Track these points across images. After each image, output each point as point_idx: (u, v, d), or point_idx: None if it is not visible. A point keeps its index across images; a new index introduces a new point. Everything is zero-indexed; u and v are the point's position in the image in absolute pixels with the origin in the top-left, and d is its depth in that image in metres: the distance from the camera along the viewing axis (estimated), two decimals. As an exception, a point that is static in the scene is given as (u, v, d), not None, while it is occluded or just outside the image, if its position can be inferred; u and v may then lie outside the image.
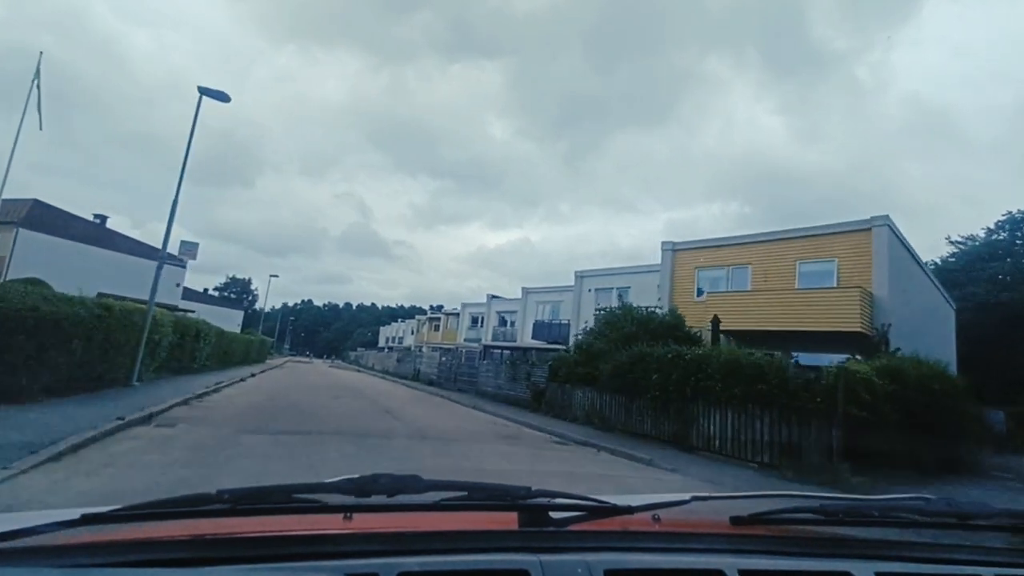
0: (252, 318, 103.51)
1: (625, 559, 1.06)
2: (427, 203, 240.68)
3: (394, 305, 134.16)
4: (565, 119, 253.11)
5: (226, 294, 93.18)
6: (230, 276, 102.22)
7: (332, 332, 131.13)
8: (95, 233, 39.62)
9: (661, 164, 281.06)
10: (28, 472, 5.42)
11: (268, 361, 48.83)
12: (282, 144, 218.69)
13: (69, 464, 6.02)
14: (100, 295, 33.27)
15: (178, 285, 45.67)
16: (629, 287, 27.91)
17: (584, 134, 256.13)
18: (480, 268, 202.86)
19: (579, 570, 0.98)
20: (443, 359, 32.02)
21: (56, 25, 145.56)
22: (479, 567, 0.99)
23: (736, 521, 1.26)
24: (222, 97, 14.07)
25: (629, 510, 1.23)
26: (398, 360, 44.76)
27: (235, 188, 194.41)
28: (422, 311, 74.28)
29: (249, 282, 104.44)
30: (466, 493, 1.14)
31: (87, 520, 1.00)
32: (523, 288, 37.75)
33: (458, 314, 52.36)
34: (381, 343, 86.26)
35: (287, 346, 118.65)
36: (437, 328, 61.22)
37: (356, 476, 1.08)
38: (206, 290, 76.67)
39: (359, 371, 51.83)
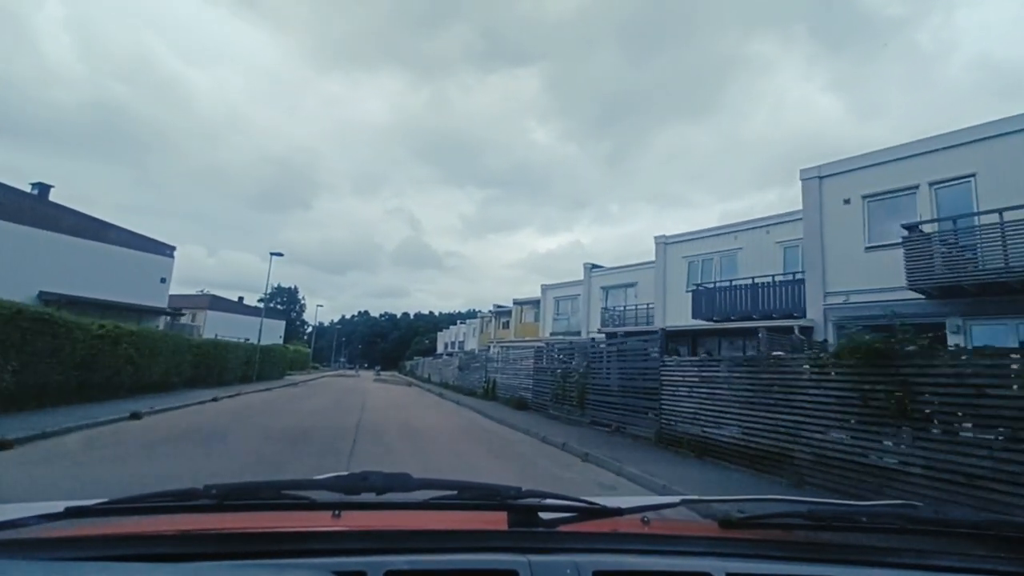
0: (320, 331, 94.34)
1: (614, 561, 1.01)
2: (476, 213, 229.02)
3: (451, 311, 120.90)
4: (606, 118, 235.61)
5: (271, 305, 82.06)
6: (276, 285, 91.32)
7: (389, 343, 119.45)
8: (33, 209, 27.13)
9: (709, 155, 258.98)
10: None
11: (290, 377, 35.35)
12: (335, 166, 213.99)
13: None
14: (42, 296, 19.54)
15: (163, 280, 32.81)
16: (975, 174, 11.77)
17: (627, 131, 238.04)
18: (532, 273, 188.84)
19: (568, 571, 0.93)
20: (539, 364, 16.77)
21: (128, 75, 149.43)
22: (468, 566, 0.93)
23: (725, 524, 1.19)
24: None
25: (619, 512, 1.16)
26: (460, 367, 29.98)
27: (295, 212, 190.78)
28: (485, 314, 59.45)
29: (296, 291, 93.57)
30: (456, 492, 1.09)
31: (71, 513, 0.95)
32: (658, 239, 22.02)
33: (537, 302, 37.08)
34: (440, 349, 72.45)
35: (343, 358, 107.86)
36: (507, 325, 46.22)
37: (345, 473, 1.04)
38: (241, 299, 65.28)
39: (410, 385, 37.43)
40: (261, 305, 77.56)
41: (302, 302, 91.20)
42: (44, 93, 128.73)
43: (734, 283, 17.69)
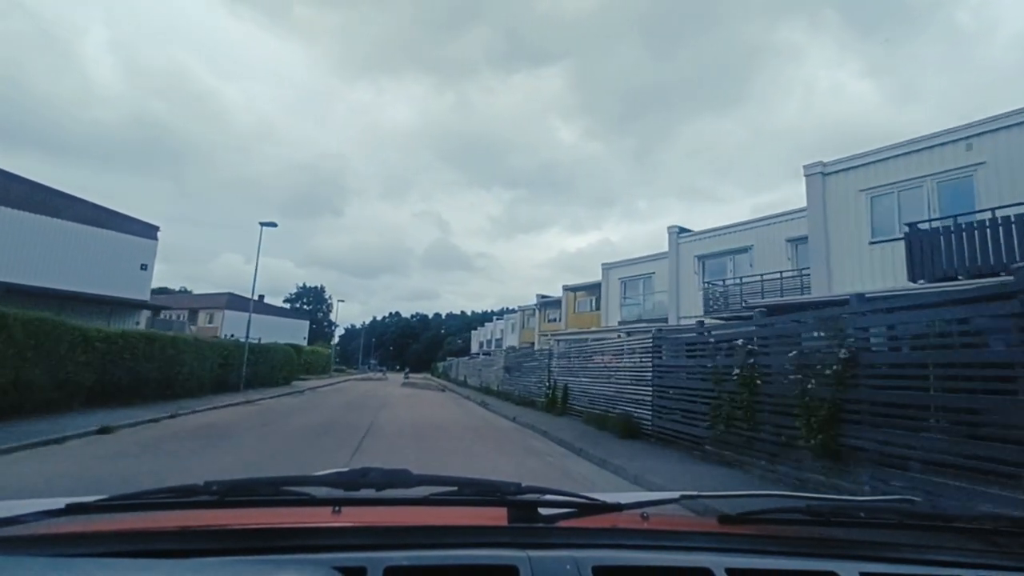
0: (352, 333, 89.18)
1: (614, 556, 0.99)
2: (503, 213, 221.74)
3: (482, 311, 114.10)
4: (631, 113, 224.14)
5: (297, 305, 76.87)
6: (300, 285, 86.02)
7: (421, 343, 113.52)
8: (-27, 178, 21.16)
9: (738, 147, 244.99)
10: None
11: (302, 383, 28.99)
12: (363, 172, 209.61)
13: None
14: (-25, 284, 13.20)
15: (144, 267, 26.66)
16: None
17: (652, 126, 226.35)
18: (562, 272, 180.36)
19: (567, 566, 0.91)
20: (665, 360, 9.51)
21: (165, 92, 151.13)
22: (467, 562, 0.91)
23: (724, 520, 1.18)
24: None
25: (618, 507, 1.15)
26: (507, 368, 22.91)
27: (326, 218, 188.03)
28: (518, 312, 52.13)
29: (322, 290, 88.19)
30: (455, 488, 1.06)
31: (72, 510, 0.94)
32: (809, 168, 14.27)
33: (596, 286, 29.68)
34: (474, 349, 65.63)
35: (373, 360, 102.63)
36: (553, 318, 39.01)
37: (345, 470, 1.04)
38: (262, 297, 59.77)
39: (443, 390, 30.66)
40: (287, 306, 72.16)
41: (329, 302, 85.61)
42: (89, 112, 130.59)
43: (997, 214, 10.02)
